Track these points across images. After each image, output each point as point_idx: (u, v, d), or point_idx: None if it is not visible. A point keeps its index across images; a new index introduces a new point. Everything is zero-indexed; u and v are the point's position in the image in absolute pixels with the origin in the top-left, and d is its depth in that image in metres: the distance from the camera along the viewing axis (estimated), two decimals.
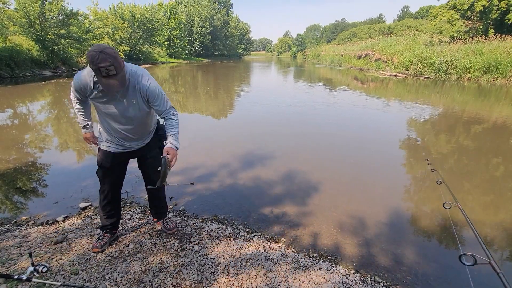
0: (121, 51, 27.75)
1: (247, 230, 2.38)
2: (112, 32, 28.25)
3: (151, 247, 2.03)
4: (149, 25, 30.92)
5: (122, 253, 1.96)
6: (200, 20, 48.75)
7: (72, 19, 19.32)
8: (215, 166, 3.80)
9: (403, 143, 5.17)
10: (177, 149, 1.70)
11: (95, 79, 1.58)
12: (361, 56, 25.56)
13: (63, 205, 2.78)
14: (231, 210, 2.76)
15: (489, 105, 8.68)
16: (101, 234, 2.05)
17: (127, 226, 2.32)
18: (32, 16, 16.87)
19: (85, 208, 2.70)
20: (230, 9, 65.24)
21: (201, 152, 4.35)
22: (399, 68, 18.61)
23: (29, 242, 2.09)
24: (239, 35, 70.28)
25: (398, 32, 39.75)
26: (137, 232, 2.24)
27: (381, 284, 1.86)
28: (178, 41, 40.50)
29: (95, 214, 2.56)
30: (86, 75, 1.62)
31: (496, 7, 16.47)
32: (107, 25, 27.86)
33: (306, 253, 2.12)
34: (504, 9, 16.36)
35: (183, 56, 43.16)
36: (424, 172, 3.88)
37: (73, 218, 2.50)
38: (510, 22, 16.43)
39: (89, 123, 1.93)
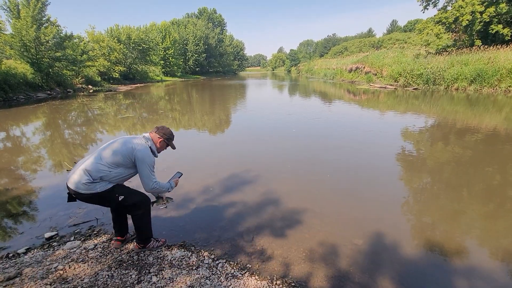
0: (116, 71, 28.19)
1: (212, 257, 2.32)
2: (107, 53, 28.80)
3: (107, 281, 1.97)
4: (144, 45, 31.58)
5: None
6: (194, 39, 49.91)
7: (66, 41, 19.72)
8: (191, 188, 3.75)
9: (392, 160, 5.16)
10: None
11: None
12: (352, 69, 26.09)
13: (28, 235, 2.72)
14: (200, 235, 2.70)
15: (479, 114, 8.78)
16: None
17: (87, 257, 2.26)
18: (27, 41, 17.21)
19: (51, 238, 2.63)
20: (224, 28, 67.01)
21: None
22: (389, 80, 18.95)
23: None
24: (234, 52, 71.77)
25: (387, 45, 40.84)
26: (97, 263, 2.18)
27: None
28: (173, 59, 41.27)
29: (60, 244, 2.50)
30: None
31: (479, 20, 17.03)
32: (103, 47, 28.45)
33: (269, 281, 2.06)
34: (488, 20, 16.89)
35: (178, 74, 43.84)
36: (404, 194, 3.86)
37: (35, 250, 2.43)
38: (494, 31, 16.94)
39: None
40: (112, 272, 2.06)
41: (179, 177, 2.61)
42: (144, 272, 2.07)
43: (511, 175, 4.17)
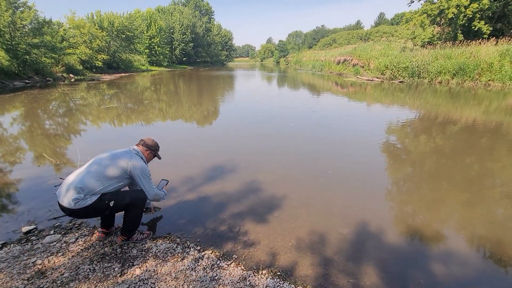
0: (99, 59, 27.11)
1: (198, 248, 2.31)
2: (89, 41, 27.57)
3: (88, 274, 1.92)
4: (128, 33, 30.42)
5: (54, 284, 1.83)
6: (181, 28, 48.52)
7: (45, 27, 18.70)
8: (178, 180, 3.69)
9: (373, 153, 5.26)
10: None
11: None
12: (340, 61, 26.20)
13: (4, 229, 2.60)
14: (186, 227, 2.67)
15: (460, 107, 9.05)
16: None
17: (68, 251, 2.19)
18: (1, 25, 16.18)
19: (28, 232, 2.53)
20: (212, 17, 65.45)
21: (166, 166, 4.23)
22: (376, 72, 19.19)
23: None
24: (222, 42, 70.50)
25: (374, 37, 41.20)
26: (78, 257, 2.12)
27: None
28: (159, 48, 40.07)
29: (38, 239, 2.41)
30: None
31: (463, 14, 17.38)
32: (84, 34, 27.19)
33: (255, 270, 2.07)
34: (470, 16, 17.28)
35: (165, 64, 42.72)
36: (390, 185, 3.95)
37: (12, 245, 2.33)
38: (476, 28, 17.38)
39: None
40: (94, 265, 2.01)
41: (166, 185, 2.75)
42: (127, 264, 2.04)
43: (487, 165, 4.34)
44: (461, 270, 2.16)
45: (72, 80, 20.65)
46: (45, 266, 2.01)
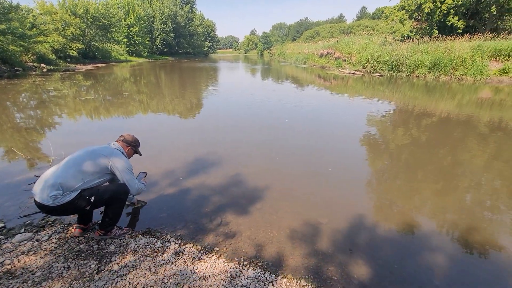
0: (73, 49, 25.66)
1: (179, 242, 2.28)
2: (62, 28, 25.97)
3: (62, 272, 1.84)
4: (104, 21, 28.90)
5: (24, 284, 1.74)
6: (161, 17, 46.79)
7: (12, 13, 17.39)
8: (158, 174, 3.61)
9: (355, 144, 5.38)
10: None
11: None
12: (323, 54, 26.43)
13: None
14: (167, 221, 2.62)
15: (435, 100, 9.43)
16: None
17: (40, 250, 2.09)
18: None
19: None
20: (194, 6, 63.58)
21: (147, 159, 4.11)
22: (357, 66, 19.55)
23: None
24: (204, 33, 68.84)
25: (356, 31, 41.80)
26: (51, 255, 2.03)
27: (308, 287, 1.87)
28: (138, 38, 38.49)
29: (7, 238, 2.28)
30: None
31: (439, 10, 17.98)
32: (56, 20, 25.56)
33: (237, 262, 2.07)
34: (446, 11, 17.92)
35: (145, 54, 41.21)
36: (367, 174, 4.06)
37: None
38: (450, 23, 18.06)
39: None
40: (69, 263, 1.93)
41: (144, 177, 2.71)
42: (104, 261, 1.97)
43: (459, 155, 4.58)
44: (433, 253, 2.28)
45: (44, 70, 19.47)
46: (14, 266, 1.91)
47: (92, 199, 2.02)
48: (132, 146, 2.47)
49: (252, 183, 3.45)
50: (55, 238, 2.24)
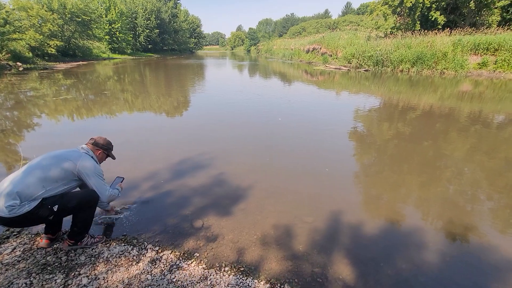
0: (52, 46, 24.56)
1: (156, 248, 2.15)
2: (39, 25, 24.79)
3: None
4: (84, 16, 27.79)
5: None
6: (144, 13, 45.51)
7: None
8: (139, 176, 3.44)
9: (343, 140, 5.35)
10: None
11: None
12: (309, 50, 26.47)
13: None
14: (146, 226, 2.48)
15: (418, 94, 9.57)
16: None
17: (1, 264, 1.91)
18: None
19: None
20: (178, 2, 62.15)
21: (127, 161, 3.92)
22: (343, 61, 19.67)
23: None
24: (190, 29, 67.57)
25: (342, 27, 42.11)
26: (12, 270, 1.85)
27: None
28: (120, 34, 37.30)
29: None
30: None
31: (420, 4, 18.27)
32: (32, 16, 24.37)
33: (218, 268, 1.97)
34: (428, 5, 18.22)
35: (128, 51, 40.06)
36: (360, 172, 4.03)
37: None
38: (433, 18, 18.40)
39: None
40: (32, 278, 1.77)
41: (121, 182, 2.55)
42: (73, 274, 1.82)
43: (441, 148, 4.63)
44: (418, 243, 2.25)
45: (20, 69, 18.56)
46: None
47: (56, 208, 1.85)
48: (104, 150, 2.27)
49: (237, 182, 3.35)
50: (19, 250, 2.07)
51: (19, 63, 19.49)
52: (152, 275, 1.84)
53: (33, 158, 2.04)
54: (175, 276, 1.84)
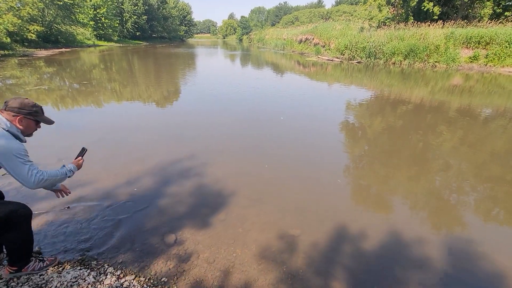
0: (32, 31, 23.21)
1: (118, 273, 1.85)
2: (17, 8, 23.31)
3: None
4: (65, 0, 26.35)
5: None
6: None
7: None
8: (108, 181, 3.10)
9: (332, 140, 5.10)
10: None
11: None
12: (302, 40, 25.95)
13: None
14: (108, 244, 2.17)
15: (410, 87, 9.39)
16: None
17: None
18: None
19: None
20: None
21: (97, 163, 3.56)
22: (336, 53, 19.33)
23: None
24: (180, 16, 65.40)
25: (335, 17, 41.53)
26: None
27: None
28: (106, 20, 35.67)
29: None
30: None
31: None
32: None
33: None
34: None
35: (115, 38, 38.52)
36: (347, 180, 3.80)
37: None
38: (425, 9, 18.14)
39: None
40: None
41: (82, 156, 1.95)
42: None
43: (431, 140, 4.46)
44: (406, 233, 2.04)
45: None
46: None
47: None
48: (25, 114, 1.58)
49: (219, 187, 3.06)
50: None
51: None
52: None
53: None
54: None
